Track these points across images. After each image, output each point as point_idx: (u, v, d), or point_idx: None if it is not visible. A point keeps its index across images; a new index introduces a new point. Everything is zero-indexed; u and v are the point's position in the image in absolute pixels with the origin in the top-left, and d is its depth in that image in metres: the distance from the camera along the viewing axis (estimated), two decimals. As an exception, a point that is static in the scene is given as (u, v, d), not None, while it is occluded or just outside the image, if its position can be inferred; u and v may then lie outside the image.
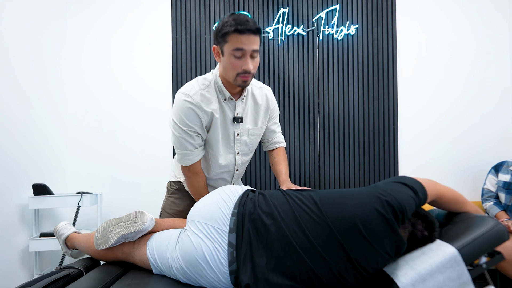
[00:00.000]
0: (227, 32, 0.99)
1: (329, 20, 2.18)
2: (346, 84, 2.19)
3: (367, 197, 0.90)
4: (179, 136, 1.10)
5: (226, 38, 1.00)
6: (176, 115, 1.09)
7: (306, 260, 0.85)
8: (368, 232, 0.85)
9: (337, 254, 0.86)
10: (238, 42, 0.99)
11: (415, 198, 0.91)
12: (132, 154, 2.18)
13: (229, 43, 1.00)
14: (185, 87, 1.11)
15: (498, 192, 1.73)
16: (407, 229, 0.94)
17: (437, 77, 2.20)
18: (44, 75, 1.96)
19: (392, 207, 0.87)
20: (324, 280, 0.86)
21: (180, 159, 1.15)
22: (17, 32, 1.73)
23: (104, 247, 1.04)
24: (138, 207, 1.25)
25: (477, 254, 0.93)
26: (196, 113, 1.08)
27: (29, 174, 1.81)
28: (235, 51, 1.00)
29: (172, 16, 2.19)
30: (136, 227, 1.00)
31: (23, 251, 1.76)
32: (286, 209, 0.92)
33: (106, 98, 2.19)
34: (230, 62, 1.02)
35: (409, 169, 2.18)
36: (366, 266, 0.87)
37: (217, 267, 0.88)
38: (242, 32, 0.98)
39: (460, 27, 2.19)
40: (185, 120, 1.08)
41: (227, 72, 1.05)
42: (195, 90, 1.09)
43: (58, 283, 0.96)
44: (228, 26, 0.99)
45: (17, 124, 1.72)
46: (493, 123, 2.18)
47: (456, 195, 1.03)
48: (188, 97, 1.08)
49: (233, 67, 1.02)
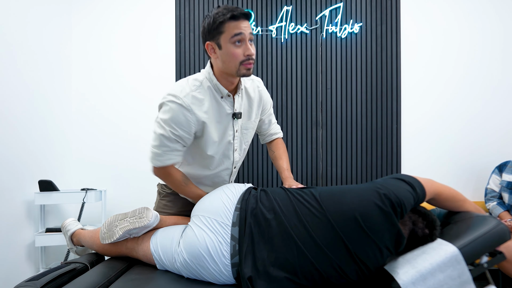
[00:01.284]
0: (222, 21, 0.96)
1: (332, 18, 2.17)
2: (349, 83, 2.19)
3: (365, 192, 0.92)
4: (160, 134, 1.02)
5: (221, 28, 0.97)
6: (163, 116, 1.02)
7: (307, 253, 0.87)
8: (368, 225, 0.87)
9: (337, 247, 0.87)
10: (235, 28, 0.96)
11: (413, 193, 0.93)
12: (137, 150, 2.19)
13: (225, 32, 0.97)
14: (174, 88, 1.03)
15: (501, 192, 1.72)
16: (407, 226, 0.94)
17: (441, 76, 2.18)
18: (49, 72, 1.98)
19: (390, 200, 0.89)
20: (324, 275, 0.87)
21: (156, 156, 1.05)
22: (21, 28, 1.75)
23: (109, 241, 1.05)
24: (142, 203, 1.26)
25: (478, 254, 0.93)
26: (185, 117, 1.01)
27: (35, 170, 1.83)
28: (234, 37, 0.97)
29: (176, 15, 2.20)
30: (141, 222, 1.02)
31: (29, 246, 1.80)
32: (287, 204, 0.94)
33: (111, 95, 2.20)
34: (230, 52, 0.98)
35: (412, 168, 2.17)
36: (366, 261, 0.87)
37: (220, 259, 0.90)
38: (238, 18, 0.96)
39: (465, 25, 2.17)
40: (171, 123, 1.01)
41: (228, 65, 1.01)
42: (186, 91, 1.02)
43: (64, 277, 0.98)
44: (222, 15, 0.96)
45: (23, 122, 1.74)
46: (497, 122, 2.16)
47: (454, 193, 1.04)
48: (178, 99, 1.00)
49: (234, 56, 0.98)
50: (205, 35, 1.02)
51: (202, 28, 1.03)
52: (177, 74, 2.20)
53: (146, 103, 2.20)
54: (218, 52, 1.01)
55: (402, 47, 2.18)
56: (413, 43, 2.18)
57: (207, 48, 1.03)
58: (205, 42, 1.03)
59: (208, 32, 1.00)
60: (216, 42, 1.00)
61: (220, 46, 1.00)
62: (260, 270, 0.87)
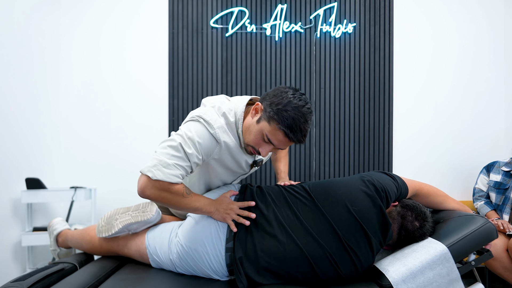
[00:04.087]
0: (276, 122, 0.88)
1: (326, 18, 2.18)
2: (342, 83, 2.20)
3: (351, 180, 1.01)
4: (179, 144, 0.88)
5: (271, 122, 0.89)
6: (189, 134, 0.90)
7: (297, 241, 0.91)
8: (355, 209, 0.93)
9: (327, 234, 0.91)
10: (275, 138, 0.90)
11: (394, 183, 1.01)
12: (127, 148, 2.16)
13: (270, 130, 0.90)
14: (208, 115, 0.92)
15: (489, 192, 1.76)
16: (396, 220, 0.97)
17: (432, 77, 2.22)
18: (37, 68, 1.93)
19: (374, 186, 0.97)
20: (314, 266, 0.89)
21: (161, 166, 0.88)
22: (8, 21, 1.69)
23: (106, 234, 1.04)
24: (132, 202, 1.24)
25: (467, 252, 0.95)
26: (211, 148, 0.93)
27: (22, 167, 1.78)
28: (267, 138, 0.91)
29: (169, 10, 2.17)
30: (144, 216, 1.02)
31: (16, 245, 1.75)
32: (278, 196, 1.01)
33: (101, 92, 2.16)
34: (256, 136, 0.93)
35: (403, 167, 2.21)
36: (356, 250, 0.90)
37: (217, 242, 0.94)
38: (289, 139, 0.90)
39: (456, 27, 2.21)
40: (196, 145, 0.90)
41: (247, 135, 0.95)
42: (220, 123, 0.93)
43: (52, 277, 0.96)
44: (284, 121, 0.87)
45: (10, 117, 1.70)
46: (485, 123, 2.21)
47: (435, 189, 1.12)
48: (212, 129, 0.91)
49: (254, 140, 0.93)
50: (268, 102, 0.91)
51: (275, 97, 0.91)
52: (169, 72, 2.17)
53: (138, 99, 2.17)
54: (254, 118, 0.94)
55: (395, 48, 2.20)
56: (405, 44, 2.21)
57: (257, 105, 0.94)
58: (262, 102, 0.93)
59: (270, 102, 0.90)
60: (261, 117, 0.92)
61: (258, 122, 0.92)
62: (250, 255, 0.92)
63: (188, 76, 2.17)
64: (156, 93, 2.18)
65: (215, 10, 2.17)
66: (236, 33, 2.17)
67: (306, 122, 0.89)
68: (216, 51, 2.17)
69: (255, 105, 0.94)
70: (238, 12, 2.15)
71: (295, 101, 0.89)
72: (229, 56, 2.17)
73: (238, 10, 2.15)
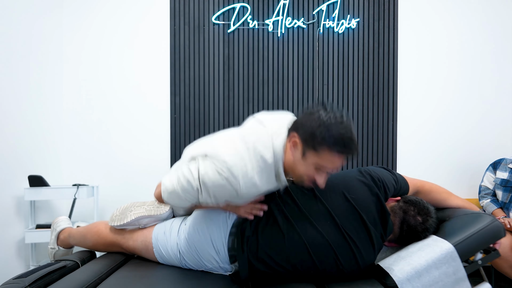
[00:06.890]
0: (325, 146, 0.80)
1: (329, 13, 2.15)
2: (345, 79, 2.17)
3: (348, 172, 1.04)
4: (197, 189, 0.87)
5: (319, 149, 0.81)
6: (208, 182, 0.85)
7: (295, 227, 0.92)
8: (353, 197, 0.94)
9: (325, 221, 0.92)
10: (329, 162, 0.82)
11: (393, 176, 1.03)
12: (129, 146, 2.16)
13: (319, 157, 0.82)
14: (235, 164, 0.83)
15: (495, 190, 1.73)
16: (398, 215, 0.96)
17: (437, 73, 2.18)
18: (40, 66, 1.92)
19: (370, 176, 0.99)
20: (314, 250, 0.90)
21: (172, 197, 0.92)
22: (11, 21, 1.69)
23: (117, 223, 1.07)
24: (135, 199, 1.24)
25: (473, 250, 0.93)
26: (229, 193, 0.87)
27: (25, 165, 1.79)
28: (322, 168, 0.84)
29: (171, 7, 2.15)
30: (158, 211, 1.07)
31: (19, 242, 1.76)
32: None
33: (103, 90, 2.16)
34: (306, 169, 0.85)
35: (407, 165, 2.18)
36: (355, 239, 0.90)
37: (224, 226, 0.97)
38: (341, 154, 0.82)
39: (462, 23, 2.17)
40: (210, 192, 0.87)
41: (296, 171, 0.87)
42: (249, 176, 0.84)
43: (54, 274, 0.96)
44: (331, 140, 0.80)
45: (14, 115, 1.70)
46: (491, 120, 2.18)
47: (437, 186, 1.11)
48: (235, 182, 0.84)
49: (306, 174, 0.86)
50: (304, 131, 0.83)
51: (309, 122, 0.83)
52: (171, 69, 2.16)
53: (140, 98, 2.16)
54: (296, 153, 0.85)
55: (399, 43, 2.17)
56: (410, 39, 2.17)
57: (290, 138, 0.86)
58: (296, 131, 0.85)
59: (306, 132, 0.83)
60: (304, 148, 0.84)
61: (304, 155, 0.84)
62: (251, 241, 0.94)
63: (190, 73, 2.16)
64: (158, 90, 2.17)
65: (216, 6, 2.15)
66: (238, 29, 2.15)
67: (351, 131, 0.82)
68: (218, 47, 2.16)
69: (291, 138, 0.86)
70: (240, 8, 2.13)
71: (330, 118, 0.81)
72: (231, 53, 2.16)
73: (240, 6, 2.13)
